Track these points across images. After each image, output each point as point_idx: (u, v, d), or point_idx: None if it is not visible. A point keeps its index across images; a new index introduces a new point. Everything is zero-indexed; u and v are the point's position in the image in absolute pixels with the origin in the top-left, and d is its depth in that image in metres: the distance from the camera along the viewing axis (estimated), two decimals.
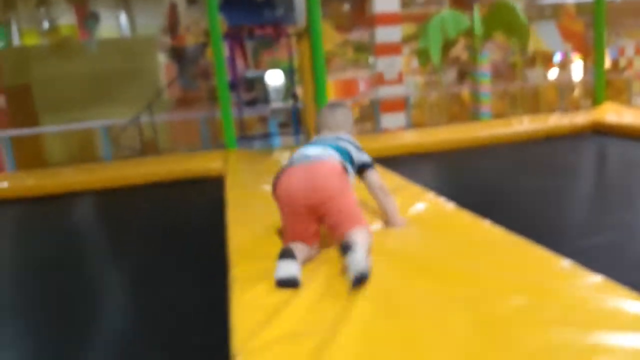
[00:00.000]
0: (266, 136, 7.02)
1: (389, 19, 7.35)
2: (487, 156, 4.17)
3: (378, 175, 2.16)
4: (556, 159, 3.96)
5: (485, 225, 2.01)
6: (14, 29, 9.18)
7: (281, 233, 2.04)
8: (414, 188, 2.69)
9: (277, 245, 1.94)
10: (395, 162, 3.50)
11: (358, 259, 1.56)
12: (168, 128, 7.79)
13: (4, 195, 4.04)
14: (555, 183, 3.24)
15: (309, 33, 4.04)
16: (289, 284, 1.59)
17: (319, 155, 1.95)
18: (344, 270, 1.61)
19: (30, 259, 2.70)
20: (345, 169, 1.95)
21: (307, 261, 1.80)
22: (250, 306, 1.51)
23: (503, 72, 8.73)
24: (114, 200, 3.90)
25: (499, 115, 7.41)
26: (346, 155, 2.04)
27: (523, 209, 2.72)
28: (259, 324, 1.36)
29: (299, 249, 1.76)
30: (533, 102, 7.92)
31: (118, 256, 2.59)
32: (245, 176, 3.42)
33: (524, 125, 4.64)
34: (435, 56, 6.19)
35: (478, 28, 6.35)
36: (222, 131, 6.74)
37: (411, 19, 10.40)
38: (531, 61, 8.81)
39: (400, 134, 5.27)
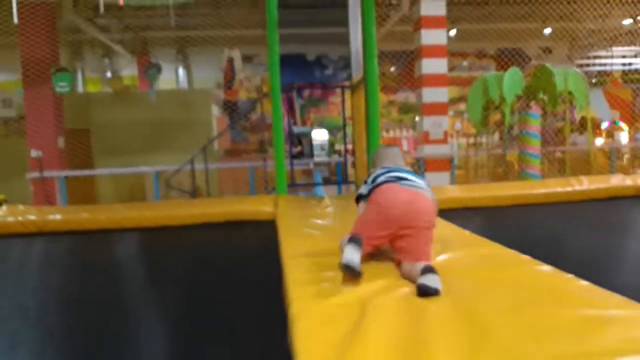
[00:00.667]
0: (311, 185, 7.12)
1: (437, 81, 7.52)
2: (548, 214, 4.08)
3: None
4: (619, 219, 3.85)
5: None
6: (79, 76, 9.82)
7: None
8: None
9: (334, 281, 1.93)
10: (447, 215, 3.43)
11: (437, 279, 1.76)
12: (216, 177, 7.99)
13: (57, 227, 4.16)
14: (615, 242, 3.13)
15: (364, 84, 4.16)
16: (353, 272, 1.79)
17: (421, 184, 2.16)
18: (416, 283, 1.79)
19: (77, 291, 2.70)
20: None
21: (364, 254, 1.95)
22: (317, 342, 1.40)
23: (549, 137, 8.68)
24: (163, 239, 3.95)
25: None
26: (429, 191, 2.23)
27: (585, 264, 2.62)
28: None
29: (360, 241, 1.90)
30: (582, 167, 7.78)
31: (169, 291, 2.57)
32: (296, 218, 3.44)
33: (584, 185, 4.54)
34: (476, 118, 6.28)
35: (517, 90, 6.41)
36: (270, 180, 6.90)
37: (456, 82, 10.62)
38: (579, 127, 8.75)
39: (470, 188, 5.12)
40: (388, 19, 9.20)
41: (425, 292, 1.71)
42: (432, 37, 7.45)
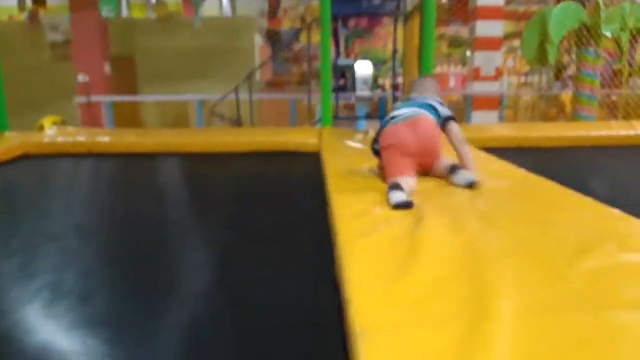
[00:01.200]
0: (354, 119, 7.04)
1: (492, 13, 7.10)
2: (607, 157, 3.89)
3: (458, 127, 2.56)
4: None
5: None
6: (124, 1, 9.74)
7: (380, 174, 2.52)
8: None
9: (380, 205, 1.99)
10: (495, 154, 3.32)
11: (466, 173, 2.32)
12: (257, 108, 7.96)
13: (105, 149, 4.23)
14: None
15: (420, 13, 3.94)
16: (404, 205, 1.95)
17: (415, 112, 2.47)
18: (454, 181, 2.32)
19: (125, 211, 2.75)
20: (437, 123, 2.50)
21: (409, 192, 2.12)
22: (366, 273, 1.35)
23: (606, 79, 8.19)
24: (210, 165, 3.98)
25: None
26: (431, 110, 2.52)
27: None
28: (380, 297, 1.19)
29: (404, 181, 2.16)
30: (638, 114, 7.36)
31: (206, 218, 2.58)
32: (341, 150, 3.40)
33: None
34: (553, 54, 5.85)
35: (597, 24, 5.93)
36: (311, 113, 6.83)
37: (512, 17, 10.01)
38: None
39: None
40: None
41: (471, 184, 2.24)
42: None
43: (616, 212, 1.87)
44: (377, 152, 2.56)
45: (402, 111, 2.51)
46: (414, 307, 1.15)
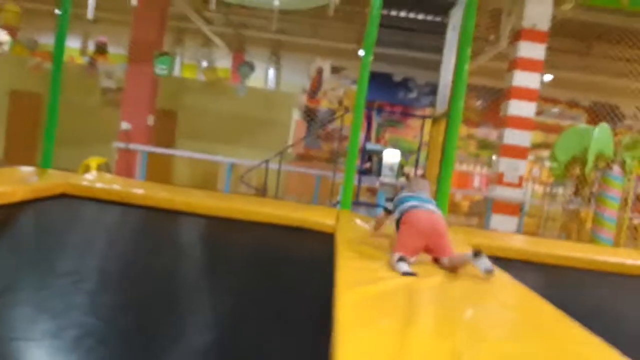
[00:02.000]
0: (374, 206, 7.16)
1: (522, 123, 7.36)
2: (608, 283, 3.92)
3: None
4: None
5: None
6: (178, 61, 10.43)
7: (389, 246, 2.95)
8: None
9: (381, 299, 2.05)
10: (505, 265, 3.37)
11: (487, 260, 2.58)
12: (285, 178, 8.22)
13: (136, 200, 4.43)
14: None
15: (448, 117, 4.19)
16: (410, 274, 2.42)
17: (435, 208, 2.93)
18: (475, 264, 2.58)
19: (137, 261, 2.88)
20: None
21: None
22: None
23: (632, 203, 8.24)
24: (231, 230, 4.13)
25: (617, 246, 6.95)
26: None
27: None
28: None
29: (408, 259, 2.59)
30: None
31: (220, 282, 2.70)
32: (356, 235, 3.52)
33: None
34: (590, 167, 6.01)
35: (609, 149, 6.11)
36: (334, 191, 7.03)
37: (542, 128, 10.30)
38: None
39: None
40: (483, 53, 9.10)
41: (488, 271, 2.55)
42: (525, 79, 7.31)
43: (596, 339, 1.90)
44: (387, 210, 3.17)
45: (423, 201, 2.94)
46: None
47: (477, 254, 2.60)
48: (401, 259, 2.56)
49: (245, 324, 2.06)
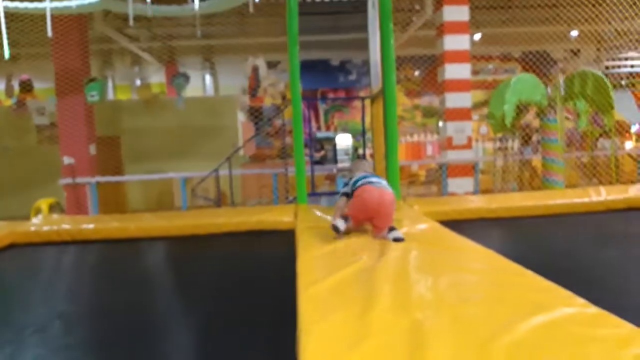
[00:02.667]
0: (333, 194, 7.17)
1: (460, 86, 7.51)
2: (561, 225, 4.07)
3: None
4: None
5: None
6: (110, 84, 10.13)
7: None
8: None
9: (345, 287, 2.07)
10: (462, 226, 3.47)
11: (400, 233, 2.87)
12: (241, 182, 8.15)
13: (89, 236, 4.35)
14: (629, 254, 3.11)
15: (383, 96, 4.22)
16: (337, 230, 2.91)
17: (384, 184, 3.14)
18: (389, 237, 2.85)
19: (100, 298, 2.84)
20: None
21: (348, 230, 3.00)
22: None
23: (576, 142, 8.56)
24: (189, 247, 4.09)
25: (571, 185, 7.22)
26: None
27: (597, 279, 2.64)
28: None
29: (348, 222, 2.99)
30: (608, 174, 7.65)
31: (188, 300, 2.69)
32: (315, 228, 3.53)
33: (602, 195, 4.47)
34: (509, 119, 6.17)
35: (557, 94, 6.31)
36: (291, 188, 7.02)
37: (481, 86, 10.54)
38: (606, 131, 8.59)
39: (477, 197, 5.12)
40: (411, 23, 9.21)
41: (398, 239, 2.80)
42: (455, 42, 7.44)
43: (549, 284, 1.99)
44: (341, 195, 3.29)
45: (375, 179, 3.17)
46: None
47: (391, 229, 2.95)
48: (343, 218, 2.98)
49: (217, 339, 2.06)
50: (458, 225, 3.52)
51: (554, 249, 3.37)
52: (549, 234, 3.81)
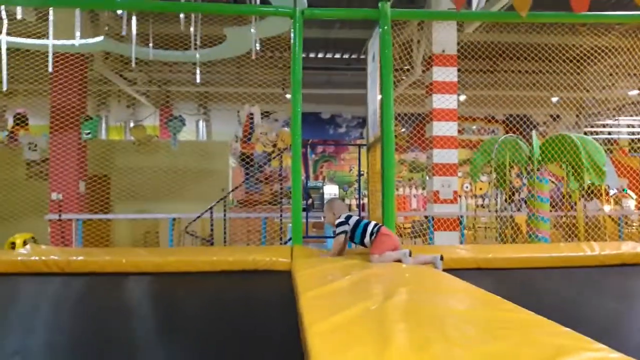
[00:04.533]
0: (322, 238, 7.27)
1: (447, 142, 7.79)
2: (553, 277, 4.17)
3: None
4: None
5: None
6: (103, 124, 10.23)
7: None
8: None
9: (353, 324, 2.02)
10: (458, 275, 3.52)
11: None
12: (229, 226, 8.15)
13: (79, 268, 4.29)
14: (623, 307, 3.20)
15: (381, 143, 4.40)
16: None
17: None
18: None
19: (83, 330, 2.76)
20: None
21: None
22: None
23: (557, 202, 8.83)
24: (182, 284, 4.05)
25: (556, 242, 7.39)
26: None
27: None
28: None
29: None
30: (591, 233, 7.88)
31: (177, 338, 2.63)
32: (312, 268, 3.54)
33: (595, 250, 4.62)
34: (477, 175, 6.54)
35: (537, 154, 6.59)
36: (281, 231, 7.06)
37: (466, 145, 10.90)
38: (587, 193, 8.89)
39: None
40: (401, 82, 9.62)
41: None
42: (443, 101, 7.78)
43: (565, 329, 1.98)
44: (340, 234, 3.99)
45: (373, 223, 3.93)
46: None
47: (442, 257, 3.63)
48: (409, 253, 3.67)
49: None
50: (453, 273, 3.58)
51: (550, 300, 3.45)
52: (543, 285, 3.90)
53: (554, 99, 10.11)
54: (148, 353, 2.35)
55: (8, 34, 5.87)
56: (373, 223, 3.95)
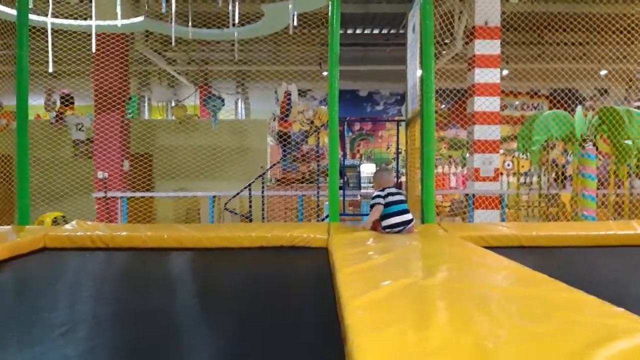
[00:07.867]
0: (359, 215, 7.26)
1: (489, 118, 7.58)
2: (600, 256, 4.03)
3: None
4: None
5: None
6: (145, 104, 10.45)
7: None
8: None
9: (391, 297, 2.02)
10: (499, 253, 3.41)
11: None
12: (267, 203, 8.24)
13: (122, 243, 4.41)
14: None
15: (421, 118, 4.31)
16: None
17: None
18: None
19: (127, 304, 2.82)
20: None
21: None
22: None
23: (604, 180, 8.50)
24: (222, 259, 4.11)
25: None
26: None
27: None
28: None
29: None
30: (636, 212, 7.56)
31: (217, 311, 2.66)
32: (349, 244, 3.53)
33: None
34: (536, 156, 6.22)
35: (583, 130, 6.33)
36: (318, 209, 7.08)
37: (508, 121, 10.59)
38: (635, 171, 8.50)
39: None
40: (440, 56, 9.37)
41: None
42: (485, 75, 7.54)
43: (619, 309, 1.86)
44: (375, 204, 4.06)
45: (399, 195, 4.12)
46: None
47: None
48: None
49: (252, 352, 2.02)
50: (496, 251, 3.50)
51: (599, 279, 3.33)
52: (590, 264, 3.78)
53: (603, 72, 9.66)
54: (188, 325, 2.41)
55: (53, 15, 6.02)
56: (394, 194, 4.11)
